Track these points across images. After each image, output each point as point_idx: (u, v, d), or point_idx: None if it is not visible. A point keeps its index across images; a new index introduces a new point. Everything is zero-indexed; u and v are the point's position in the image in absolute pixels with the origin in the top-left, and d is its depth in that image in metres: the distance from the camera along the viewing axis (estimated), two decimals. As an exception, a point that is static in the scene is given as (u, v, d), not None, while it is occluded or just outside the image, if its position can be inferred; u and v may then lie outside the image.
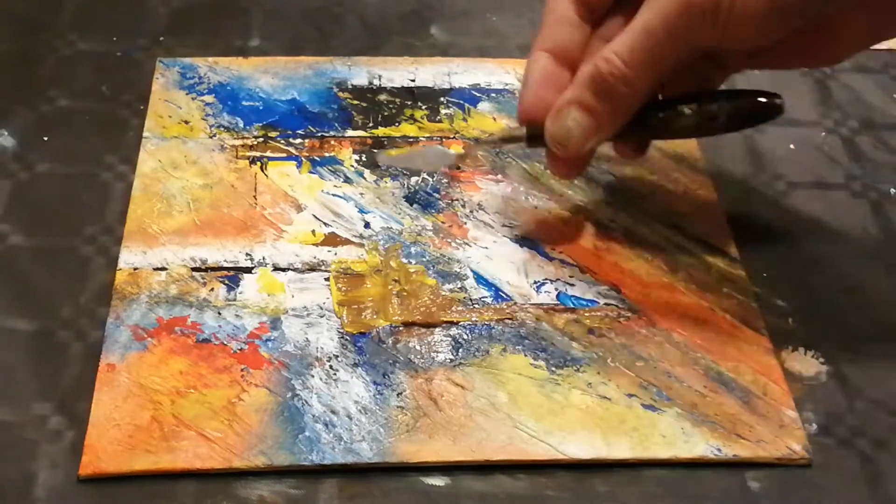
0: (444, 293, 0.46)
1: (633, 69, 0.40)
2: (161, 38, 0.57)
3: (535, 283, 0.46)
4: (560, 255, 0.47)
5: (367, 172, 0.51)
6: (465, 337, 0.44)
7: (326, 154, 0.51)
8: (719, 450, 0.41)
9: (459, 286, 0.46)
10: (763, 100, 0.43)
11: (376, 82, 0.55)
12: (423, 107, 0.54)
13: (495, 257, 0.47)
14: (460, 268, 0.47)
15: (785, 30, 0.40)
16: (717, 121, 0.43)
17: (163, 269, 0.45)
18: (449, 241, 0.48)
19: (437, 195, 0.50)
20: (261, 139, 0.51)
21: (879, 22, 0.41)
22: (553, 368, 0.43)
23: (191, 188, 0.49)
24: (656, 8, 0.40)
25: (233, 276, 0.45)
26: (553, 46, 0.44)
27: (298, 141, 0.52)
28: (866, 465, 0.41)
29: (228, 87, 0.54)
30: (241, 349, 0.43)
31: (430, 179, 0.51)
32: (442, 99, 0.55)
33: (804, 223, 0.50)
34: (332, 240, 0.47)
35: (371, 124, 0.53)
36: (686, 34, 0.39)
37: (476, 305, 0.45)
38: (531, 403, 0.42)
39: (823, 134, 0.55)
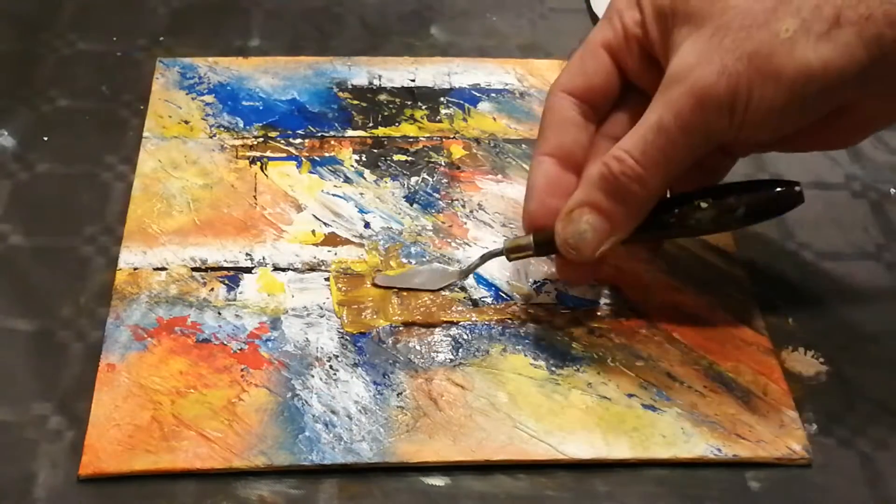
0: (444, 293, 0.45)
1: (647, 168, 0.38)
2: (161, 38, 0.57)
3: (535, 283, 0.46)
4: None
5: (367, 172, 0.51)
6: (465, 337, 0.44)
7: (326, 154, 0.51)
8: (719, 450, 0.41)
9: (459, 286, 0.46)
10: (781, 189, 0.41)
11: (376, 82, 0.55)
12: (423, 107, 0.54)
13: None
14: (460, 268, 0.47)
15: (804, 121, 0.38)
16: (736, 214, 0.41)
17: (163, 269, 0.45)
18: (449, 241, 0.48)
19: (437, 195, 0.50)
20: (261, 139, 0.51)
21: (894, 106, 0.39)
22: (553, 368, 0.43)
23: (191, 188, 0.49)
24: (668, 103, 0.38)
25: (233, 276, 0.45)
26: (556, 150, 0.42)
27: (298, 141, 0.52)
28: (866, 465, 0.41)
29: (228, 87, 0.54)
30: (241, 349, 0.43)
31: (430, 179, 0.50)
32: (442, 99, 0.55)
33: (804, 223, 0.50)
34: (332, 240, 0.47)
35: (371, 124, 0.53)
36: (702, 130, 0.37)
37: (476, 305, 0.45)
38: (531, 403, 0.42)
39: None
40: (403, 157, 0.51)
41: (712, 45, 0.37)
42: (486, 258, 0.45)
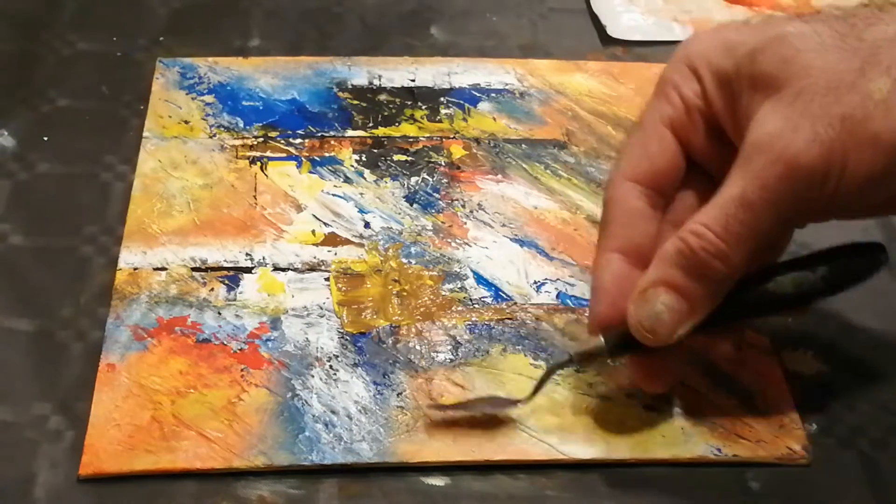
0: (444, 293, 0.46)
1: (730, 244, 0.35)
2: (161, 38, 0.57)
3: (535, 283, 0.46)
4: (560, 255, 0.47)
5: (367, 172, 0.51)
6: (465, 337, 0.44)
7: (326, 154, 0.51)
8: (719, 450, 0.41)
9: (459, 286, 0.46)
10: (863, 254, 0.39)
11: (376, 82, 0.55)
12: (423, 107, 0.54)
13: (495, 257, 0.47)
14: (460, 268, 0.47)
15: None
16: (817, 287, 0.38)
17: (163, 269, 0.45)
18: (449, 241, 0.48)
19: (437, 195, 0.50)
20: (261, 139, 0.51)
21: None
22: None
23: (191, 188, 0.49)
24: (752, 174, 0.35)
25: (233, 276, 0.45)
26: (625, 245, 0.39)
27: (298, 141, 0.52)
28: (866, 465, 0.41)
29: (228, 87, 0.54)
30: (241, 349, 0.43)
31: (430, 179, 0.50)
32: (442, 99, 0.55)
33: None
34: (332, 240, 0.47)
35: (371, 124, 0.53)
36: (790, 202, 0.35)
37: (476, 305, 0.45)
38: (531, 403, 0.42)
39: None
40: (403, 157, 0.51)
41: (797, 110, 0.34)
42: (553, 370, 0.41)
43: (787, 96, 0.35)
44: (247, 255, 0.46)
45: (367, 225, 0.48)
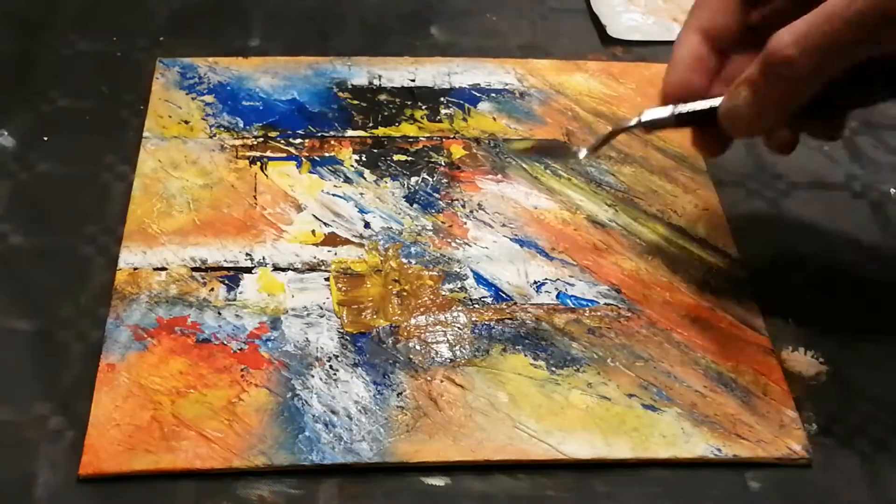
0: (444, 293, 0.46)
1: (803, 52, 0.37)
2: (161, 38, 0.57)
3: (535, 283, 0.46)
4: (560, 255, 0.47)
5: (367, 172, 0.51)
6: (465, 337, 0.44)
7: (326, 154, 0.51)
8: (719, 450, 0.41)
9: (459, 286, 0.46)
10: None
11: (376, 82, 0.55)
12: (423, 107, 0.54)
13: (495, 257, 0.47)
14: (460, 268, 0.47)
15: None
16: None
17: (163, 269, 0.45)
18: (449, 241, 0.48)
19: (437, 195, 0.50)
20: (261, 139, 0.51)
21: None
22: (553, 368, 0.43)
23: (191, 188, 0.49)
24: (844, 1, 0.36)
25: (233, 276, 0.45)
26: (707, 27, 0.42)
27: (298, 141, 0.52)
28: (866, 465, 0.41)
29: (228, 87, 0.54)
30: (241, 349, 0.43)
31: (430, 179, 0.50)
32: (442, 99, 0.55)
33: (804, 223, 0.50)
34: (332, 240, 0.47)
35: (371, 124, 0.53)
36: (873, 28, 0.36)
37: (476, 305, 0.45)
38: (531, 403, 0.42)
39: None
40: (403, 157, 0.51)
41: None
42: (618, 132, 0.43)
43: None
44: (247, 255, 0.46)
45: (367, 225, 0.48)
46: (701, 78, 0.42)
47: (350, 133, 0.52)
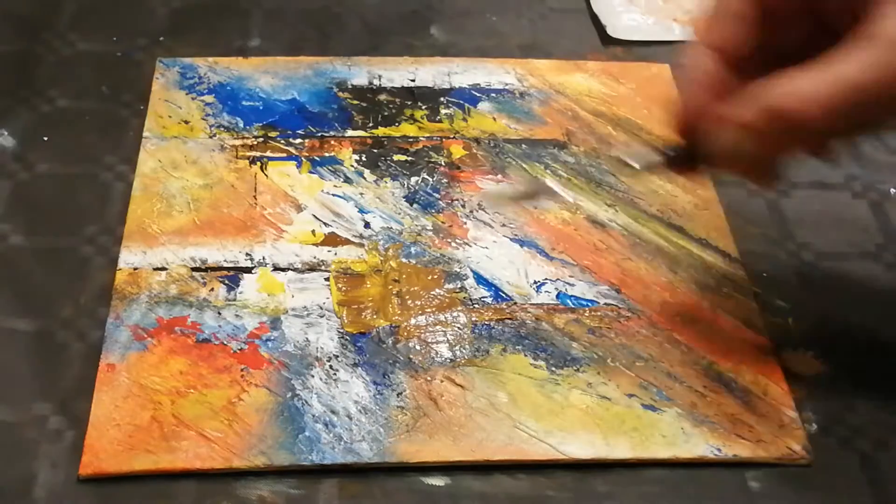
0: (444, 293, 0.46)
1: (825, 116, 0.35)
2: (161, 38, 0.57)
3: (535, 283, 0.46)
4: (560, 255, 0.47)
5: (367, 172, 0.51)
6: (465, 337, 0.44)
7: (326, 154, 0.51)
8: (719, 450, 0.41)
9: (459, 286, 0.46)
10: None
11: (376, 82, 0.55)
12: (423, 107, 0.54)
13: (495, 257, 0.47)
14: (460, 268, 0.47)
15: None
16: None
17: (163, 269, 0.45)
18: (449, 241, 0.48)
19: (437, 195, 0.50)
20: (261, 139, 0.51)
21: None
22: (553, 368, 0.43)
23: (191, 188, 0.49)
24: (872, 60, 0.34)
25: (233, 276, 0.45)
26: (720, 44, 0.39)
27: (298, 141, 0.52)
28: (866, 465, 0.41)
29: (228, 87, 0.54)
30: (241, 349, 0.43)
31: (430, 179, 0.51)
32: (442, 99, 0.55)
33: (804, 223, 0.50)
34: (332, 240, 0.47)
35: (371, 124, 0.53)
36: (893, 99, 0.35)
37: (476, 305, 0.45)
38: (531, 403, 0.42)
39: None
40: (403, 157, 0.51)
41: None
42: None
43: None
44: (247, 255, 0.46)
45: (367, 225, 0.48)
46: (713, 100, 0.39)
47: (350, 133, 0.52)
